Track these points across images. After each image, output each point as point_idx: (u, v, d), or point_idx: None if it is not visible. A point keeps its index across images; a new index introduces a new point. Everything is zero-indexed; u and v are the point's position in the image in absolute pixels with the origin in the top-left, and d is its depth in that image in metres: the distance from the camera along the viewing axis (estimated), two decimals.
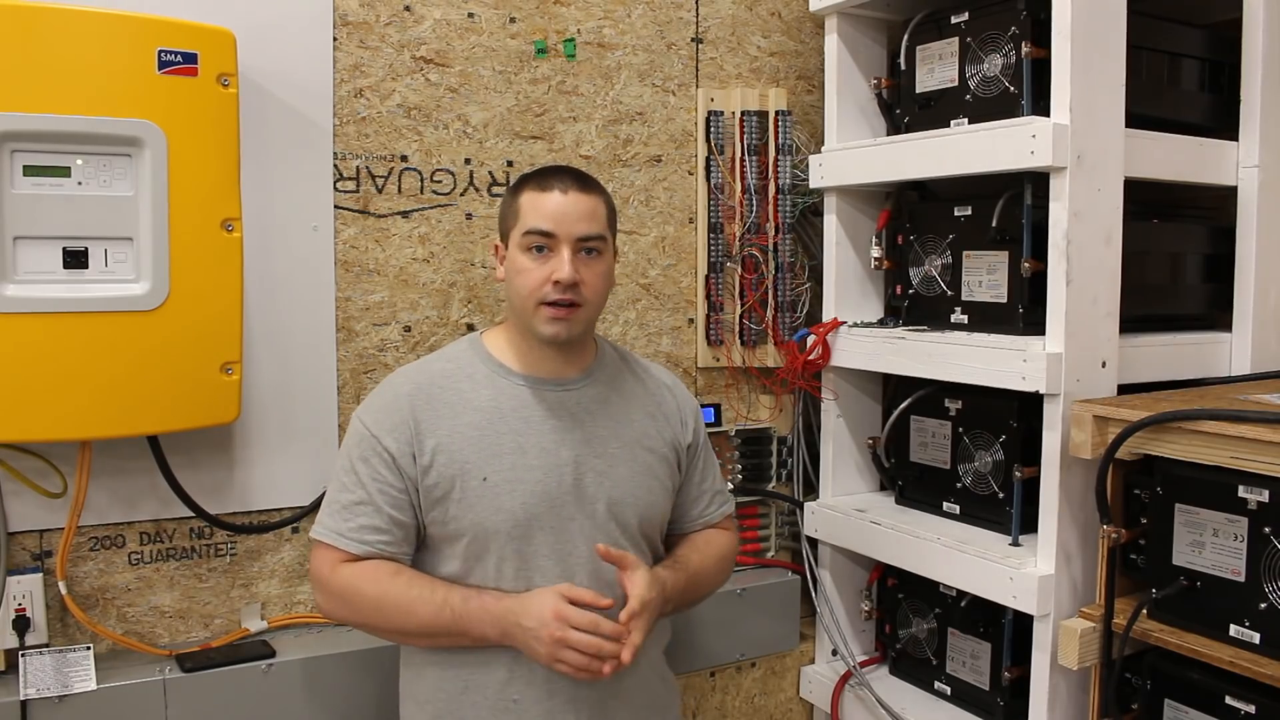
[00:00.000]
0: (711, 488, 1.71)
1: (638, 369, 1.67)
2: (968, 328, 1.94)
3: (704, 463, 1.70)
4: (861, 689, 2.11)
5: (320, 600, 1.49)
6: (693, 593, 1.61)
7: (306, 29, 1.77)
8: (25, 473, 1.59)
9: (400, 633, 1.48)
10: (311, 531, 1.50)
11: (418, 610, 1.43)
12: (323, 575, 1.47)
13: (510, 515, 1.45)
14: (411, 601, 1.43)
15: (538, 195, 1.48)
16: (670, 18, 2.12)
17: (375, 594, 1.44)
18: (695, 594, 1.63)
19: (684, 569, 1.59)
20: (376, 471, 1.46)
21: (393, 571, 1.45)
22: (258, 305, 1.72)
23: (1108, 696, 1.59)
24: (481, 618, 1.43)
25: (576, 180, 1.50)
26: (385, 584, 1.44)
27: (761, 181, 2.18)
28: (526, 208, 1.48)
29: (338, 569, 1.45)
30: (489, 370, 1.52)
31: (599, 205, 1.51)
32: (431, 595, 1.44)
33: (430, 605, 1.43)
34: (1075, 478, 1.70)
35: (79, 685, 1.56)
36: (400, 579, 1.45)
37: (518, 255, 1.48)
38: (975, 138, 1.81)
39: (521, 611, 1.41)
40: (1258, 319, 1.95)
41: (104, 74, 1.47)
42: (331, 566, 1.45)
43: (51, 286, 1.47)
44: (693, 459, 1.67)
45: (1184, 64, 1.97)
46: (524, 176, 1.55)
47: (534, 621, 1.40)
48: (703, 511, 1.69)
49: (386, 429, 1.46)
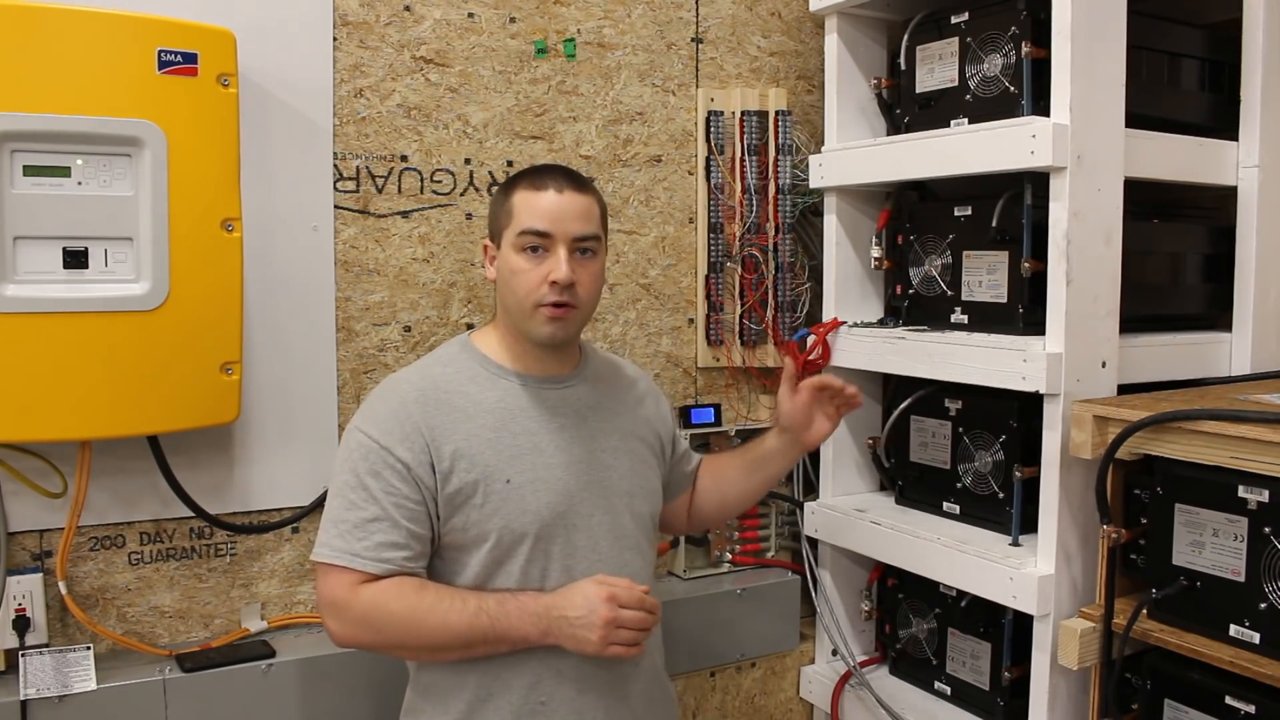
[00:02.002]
0: (686, 449, 1.78)
1: (615, 364, 1.68)
2: (968, 328, 1.94)
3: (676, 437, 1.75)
4: (861, 689, 2.11)
5: (335, 626, 1.38)
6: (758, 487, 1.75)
7: (306, 29, 1.77)
8: (25, 473, 1.59)
9: (433, 649, 1.41)
10: (316, 555, 1.40)
11: (452, 621, 1.37)
12: (339, 599, 1.37)
13: (537, 516, 1.43)
14: (445, 613, 1.37)
15: (532, 195, 1.45)
16: (670, 18, 2.12)
17: (404, 612, 1.36)
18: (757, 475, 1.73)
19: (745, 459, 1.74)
20: (390, 485, 1.38)
21: (417, 586, 1.39)
22: (258, 305, 1.72)
23: (1108, 696, 1.59)
24: (521, 618, 1.39)
25: (570, 179, 1.48)
26: (413, 600, 1.37)
27: (761, 181, 2.18)
28: (520, 207, 1.45)
29: (357, 592, 1.36)
30: (488, 372, 1.50)
31: (593, 205, 1.49)
32: (464, 605, 1.38)
33: (464, 615, 1.37)
34: (1075, 478, 1.70)
35: (79, 685, 1.56)
36: (428, 593, 1.38)
37: (512, 256, 1.45)
38: (975, 138, 1.81)
39: (565, 605, 1.40)
40: (1258, 319, 1.95)
41: (104, 74, 1.47)
42: (349, 590, 1.36)
43: (51, 286, 1.47)
44: (675, 440, 1.72)
45: (1184, 64, 1.96)
46: (515, 176, 1.52)
47: (581, 610, 1.38)
48: (688, 467, 1.76)
49: (398, 439, 1.40)
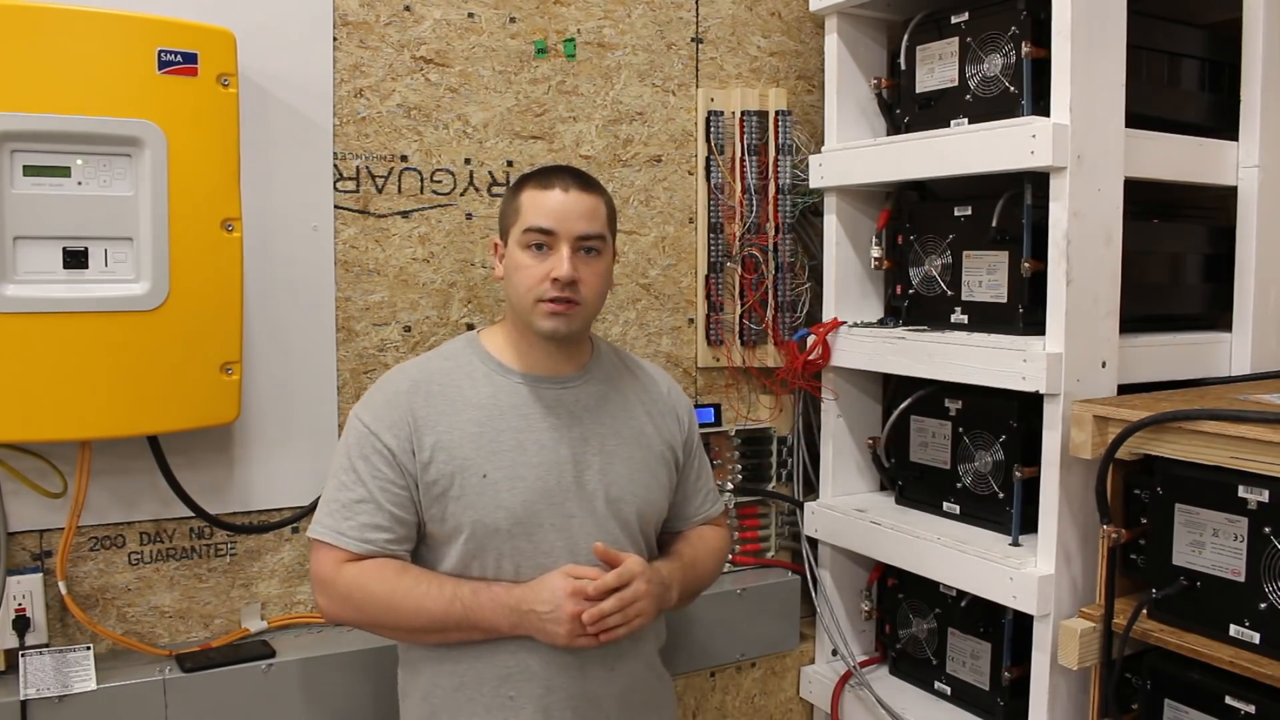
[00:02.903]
0: (705, 485, 1.72)
1: (634, 368, 1.67)
2: (968, 328, 1.94)
3: (699, 461, 1.71)
4: (861, 689, 2.11)
5: (323, 602, 1.47)
6: (691, 584, 1.63)
7: (306, 29, 1.77)
8: (25, 473, 1.59)
9: (409, 630, 1.46)
10: (309, 531, 1.48)
11: (428, 606, 1.43)
12: (326, 576, 1.45)
13: (510, 512, 1.46)
14: (421, 598, 1.43)
15: (539, 193, 1.49)
16: (670, 18, 2.12)
17: (383, 592, 1.43)
18: (694, 586, 1.64)
19: (680, 561, 1.60)
20: (377, 469, 1.45)
21: (399, 569, 1.45)
22: (258, 305, 1.72)
23: (1108, 696, 1.59)
24: (493, 609, 1.43)
25: (578, 179, 1.51)
26: (393, 581, 1.43)
27: (761, 181, 2.18)
28: (527, 206, 1.49)
29: (342, 569, 1.44)
30: (487, 368, 1.53)
31: (599, 205, 1.52)
32: (440, 590, 1.44)
33: (440, 600, 1.43)
34: (1075, 478, 1.70)
35: (79, 685, 1.56)
36: (408, 576, 1.45)
37: (517, 253, 1.49)
38: (975, 138, 1.81)
39: (534, 599, 1.43)
40: (1258, 319, 1.95)
41: (104, 74, 1.47)
42: (335, 566, 1.44)
43: (51, 286, 1.47)
44: (688, 457, 1.68)
45: (1184, 64, 1.96)
46: (525, 175, 1.56)
47: (549, 605, 1.41)
48: (698, 508, 1.70)
49: (385, 426, 1.46)
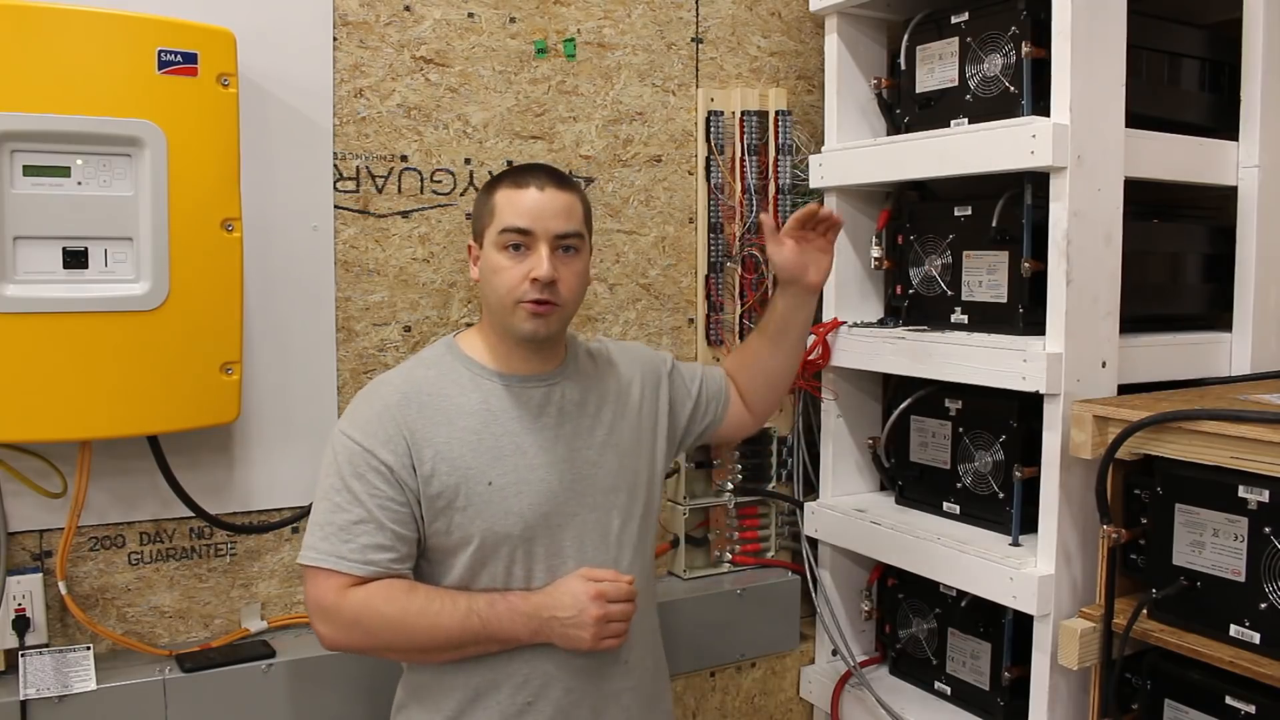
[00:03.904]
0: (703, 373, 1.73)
1: (604, 355, 1.64)
2: (968, 328, 1.94)
3: (688, 374, 1.71)
4: (861, 689, 2.11)
5: (325, 630, 1.39)
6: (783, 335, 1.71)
7: (306, 29, 1.77)
8: (25, 473, 1.59)
9: (423, 650, 1.42)
10: (302, 559, 1.40)
11: (443, 623, 1.38)
12: (327, 603, 1.37)
13: (520, 517, 1.44)
14: (435, 615, 1.38)
15: (513, 193, 1.45)
16: (670, 18, 2.12)
17: (394, 614, 1.37)
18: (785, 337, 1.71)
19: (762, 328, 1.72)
20: (374, 487, 1.39)
21: (407, 588, 1.40)
22: (258, 305, 1.72)
23: (1108, 696, 1.59)
24: (511, 619, 1.40)
25: (552, 177, 1.48)
26: (403, 602, 1.38)
27: (761, 181, 2.18)
28: (502, 206, 1.45)
29: (346, 594, 1.37)
30: (471, 373, 1.49)
31: (575, 202, 1.48)
32: (454, 606, 1.39)
33: (455, 616, 1.38)
34: (1075, 478, 1.70)
35: (79, 685, 1.56)
36: (418, 594, 1.40)
37: (494, 254, 1.45)
38: (975, 138, 1.81)
39: (554, 604, 1.41)
40: (1258, 319, 1.94)
41: (104, 74, 1.47)
42: (337, 593, 1.37)
43: (51, 286, 1.47)
44: (683, 385, 1.69)
45: (1184, 64, 1.96)
46: (498, 175, 1.52)
47: (571, 610, 1.40)
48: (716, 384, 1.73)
49: (380, 441, 1.40)
